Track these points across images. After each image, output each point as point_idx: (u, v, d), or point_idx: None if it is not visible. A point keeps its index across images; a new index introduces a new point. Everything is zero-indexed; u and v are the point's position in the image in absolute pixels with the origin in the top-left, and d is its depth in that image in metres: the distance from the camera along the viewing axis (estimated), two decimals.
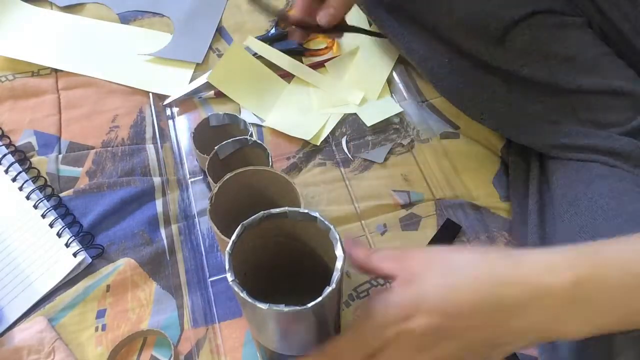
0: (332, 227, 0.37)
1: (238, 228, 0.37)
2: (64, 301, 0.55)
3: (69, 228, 0.60)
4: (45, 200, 0.61)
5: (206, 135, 0.59)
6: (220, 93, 0.71)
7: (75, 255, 0.57)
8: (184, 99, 0.72)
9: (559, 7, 0.59)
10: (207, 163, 0.53)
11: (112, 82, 0.73)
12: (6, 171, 0.64)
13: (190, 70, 0.75)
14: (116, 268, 0.57)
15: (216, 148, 0.54)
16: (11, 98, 0.72)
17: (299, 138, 0.67)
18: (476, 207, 0.61)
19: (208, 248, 0.59)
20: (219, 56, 0.77)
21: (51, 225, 0.60)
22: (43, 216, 0.60)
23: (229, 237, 0.37)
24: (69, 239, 0.58)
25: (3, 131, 0.68)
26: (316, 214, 0.38)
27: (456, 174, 0.64)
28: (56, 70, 0.75)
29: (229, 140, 0.54)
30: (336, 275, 0.34)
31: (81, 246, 0.58)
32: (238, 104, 0.71)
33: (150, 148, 0.67)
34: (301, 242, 0.42)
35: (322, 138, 0.68)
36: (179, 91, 0.72)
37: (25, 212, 0.61)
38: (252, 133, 0.59)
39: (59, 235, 0.59)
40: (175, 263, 0.58)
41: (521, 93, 0.59)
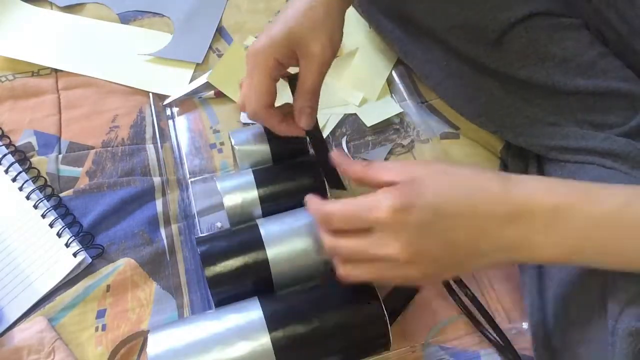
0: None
1: None
2: (64, 301, 0.55)
3: (69, 228, 0.60)
4: (45, 200, 0.61)
5: None
6: (220, 93, 0.71)
7: (75, 255, 0.57)
8: (184, 99, 0.72)
9: (556, 9, 0.59)
10: None
11: (112, 82, 0.73)
12: (6, 171, 0.64)
13: (190, 70, 0.75)
14: (116, 268, 0.57)
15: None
16: (11, 98, 0.72)
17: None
18: None
19: None
20: (219, 56, 0.77)
21: (51, 225, 0.60)
22: (43, 216, 0.60)
23: None
24: (69, 239, 0.58)
25: (3, 131, 0.68)
26: None
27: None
28: (56, 70, 0.75)
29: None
30: None
31: (81, 246, 0.58)
32: (237, 104, 0.71)
33: (150, 148, 0.67)
34: None
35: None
36: (179, 91, 0.72)
37: (25, 212, 0.61)
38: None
39: (59, 235, 0.59)
40: (175, 263, 0.58)
41: (519, 95, 0.59)
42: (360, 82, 0.72)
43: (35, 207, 0.61)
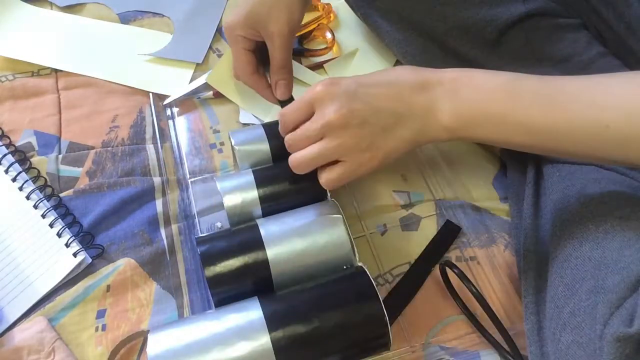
0: None
1: None
2: (64, 301, 0.55)
3: (69, 228, 0.60)
4: (45, 200, 0.61)
5: None
6: (218, 93, 0.71)
7: (75, 255, 0.57)
8: (184, 99, 0.72)
9: (554, 9, 0.59)
10: None
11: (112, 82, 0.73)
12: (6, 171, 0.64)
13: (190, 70, 0.75)
14: (116, 268, 0.57)
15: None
16: (11, 98, 0.72)
17: None
18: (476, 208, 0.62)
19: None
20: (219, 56, 0.77)
21: (51, 225, 0.60)
22: (43, 216, 0.60)
23: None
24: (69, 239, 0.58)
25: (3, 131, 0.68)
26: None
27: (456, 175, 0.64)
28: (56, 70, 0.75)
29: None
30: None
31: (81, 246, 0.58)
32: (237, 105, 0.71)
33: (150, 148, 0.67)
34: None
35: None
36: (179, 91, 0.72)
37: (25, 212, 0.61)
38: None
39: (59, 235, 0.59)
40: (175, 263, 0.58)
41: None
42: None
43: (35, 207, 0.61)
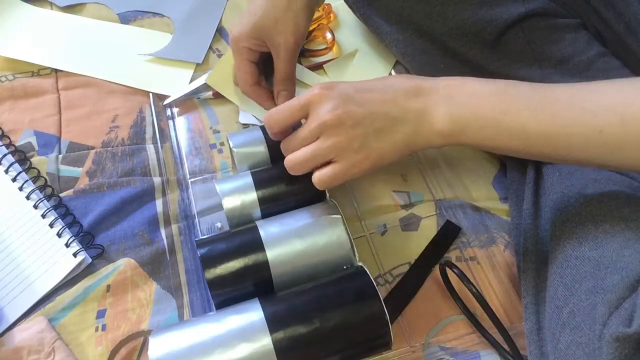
0: None
1: None
2: (64, 301, 0.55)
3: (69, 228, 0.60)
4: (45, 200, 0.61)
5: None
6: (218, 94, 0.71)
7: (75, 255, 0.57)
8: (184, 99, 0.72)
9: (553, 9, 0.59)
10: None
11: (112, 82, 0.73)
12: (6, 171, 0.64)
13: (190, 70, 0.75)
14: (116, 268, 0.57)
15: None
16: (11, 98, 0.72)
17: None
18: (476, 208, 0.62)
19: None
20: (219, 56, 0.77)
21: (51, 225, 0.60)
22: (43, 216, 0.60)
23: None
24: (69, 239, 0.58)
25: (3, 131, 0.68)
26: None
27: (456, 175, 0.64)
28: (56, 70, 0.75)
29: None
30: None
31: (81, 246, 0.58)
32: (237, 105, 0.71)
33: (150, 148, 0.67)
34: None
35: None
36: (179, 92, 0.72)
37: (25, 212, 0.61)
38: None
39: (59, 235, 0.59)
40: (175, 263, 0.58)
41: None
42: None
43: (35, 207, 0.61)
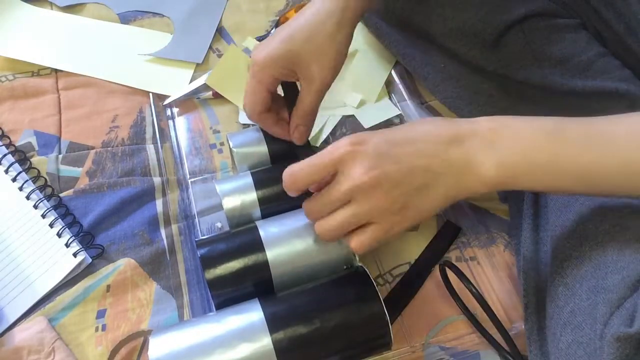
0: None
1: None
2: (64, 301, 0.55)
3: (69, 228, 0.60)
4: (45, 200, 0.61)
5: None
6: (218, 94, 0.71)
7: (75, 255, 0.57)
8: (184, 99, 0.72)
9: (553, 10, 0.59)
10: None
11: (112, 82, 0.73)
12: (6, 171, 0.64)
13: (190, 70, 0.75)
14: (116, 268, 0.57)
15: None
16: (11, 98, 0.72)
17: None
18: (476, 208, 0.62)
19: None
20: (219, 56, 0.77)
21: (51, 225, 0.60)
22: (43, 216, 0.60)
23: None
24: (69, 239, 0.58)
25: (3, 131, 0.68)
26: None
27: None
28: (56, 70, 0.75)
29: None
30: None
31: (81, 246, 0.58)
32: (237, 105, 0.71)
33: (150, 148, 0.67)
34: None
35: (322, 139, 0.68)
36: (179, 92, 0.72)
37: (25, 212, 0.61)
38: None
39: (59, 235, 0.59)
40: (175, 263, 0.58)
41: (517, 96, 0.59)
42: (359, 84, 0.72)
43: (35, 207, 0.61)
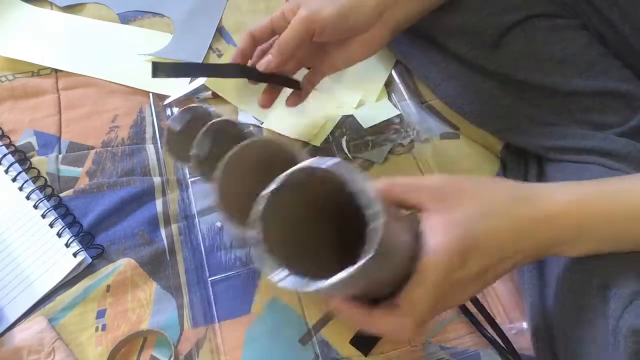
0: (358, 171, 0.34)
1: (253, 231, 0.35)
2: (64, 301, 0.55)
3: (69, 228, 0.60)
4: (45, 200, 0.61)
5: (178, 143, 0.54)
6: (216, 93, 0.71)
7: (75, 255, 0.57)
8: (184, 99, 0.72)
9: (554, 11, 0.59)
10: (165, 141, 0.50)
11: (112, 82, 0.73)
12: (6, 171, 0.64)
13: None
14: (116, 268, 0.57)
15: (168, 123, 0.49)
16: (11, 98, 0.72)
17: (299, 139, 0.67)
18: None
19: (208, 248, 0.59)
20: (219, 56, 0.77)
21: (51, 225, 0.60)
22: (43, 216, 0.60)
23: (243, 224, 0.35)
24: (69, 239, 0.58)
25: (3, 131, 0.68)
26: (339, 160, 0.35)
27: (456, 175, 0.64)
28: (56, 70, 0.75)
29: (179, 110, 0.50)
30: (376, 218, 0.32)
31: (81, 246, 0.58)
32: (236, 106, 0.71)
33: (150, 148, 0.67)
34: (326, 201, 0.39)
35: (322, 139, 0.68)
36: (179, 92, 0.72)
37: (25, 212, 0.61)
38: (214, 110, 0.53)
39: (59, 235, 0.59)
40: (175, 263, 0.58)
41: (518, 96, 0.59)
42: (358, 84, 0.72)
43: (35, 207, 0.61)
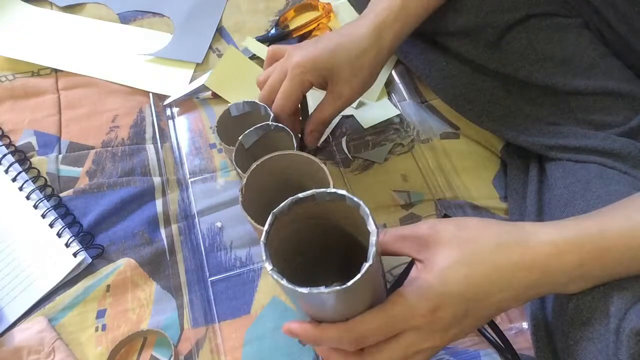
0: (361, 203, 0.36)
1: (269, 217, 0.37)
2: (64, 301, 0.55)
3: (69, 228, 0.60)
4: (45, 200, 0.61)
5: (229, 126, 0.57)
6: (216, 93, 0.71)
7: (75, 255, 0.57)
8: (184, 99, 0.72)
9: (555, 10, 0.59)
10: (234, 154, 0.52)
11: (112, 82, 0.73)
12: (6, 171, 0.64)
13: (190, 70, 0.75)
14: (116, 268, 0.57)
15: (240, 138, 0.52)
16: (11, 98, 0.72)
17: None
18: (476, 208, 0.61)
19: (208, 248, 0.59)
20: (219, 56, 0.77)
21: (51, 225, 0.60)
22: (43, 216, 0.60)
23: (263, 226, 0.37)
24: (69, 239, 0.58)
25: (3, 131, 0.68)
26: (344, 192, 0.37)
27: (456, 175, 0.64)
28: (56, 70, 0.75)
29: (252, 128, 0.53)
30: (372, 250, 0.34)
31: (81, 246, 0.58)
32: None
33: (150, 148, 0.67)
34: (333, 222, 0.41)
35: (322, 139, 0.67)
36: (179, 92, 0.72)
37: (25, 212, 0.61)
38: (274, 117, 0.56)
39: (59, 235, 0.59)
40: (175, 263, 0.58)
41: (519, 95, 0.59)
42: None
43: (35, 207, 0.61)
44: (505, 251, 0.39)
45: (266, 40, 0.76)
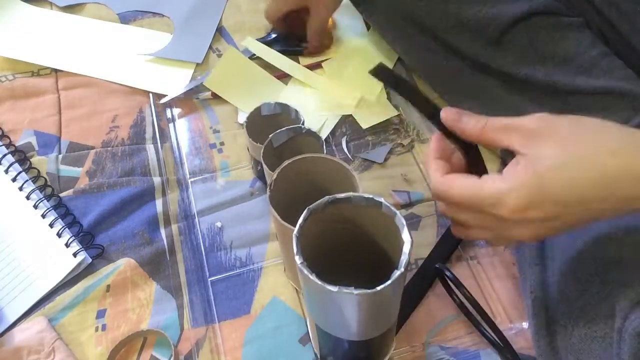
0: (398, 213, 0.37)
1: (304, 212, 0.37)
2: (64, 301, 0.55)
3: (69, 228, 0.60)
4: (45, 200, 0.61)
5: (258, 124, 0.58)
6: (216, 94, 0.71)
7: (75, 255, 0.57)
8: (184, 99, 0.72)
9: (556, 8, 0.59)
10: (262, 151, 0.53)
11: (112, 82, 0.73)
12: (6, 171, 0.64)
13: (190, 70, 0.75)
14: (116, 268, 0.57)
15: (271, 136, 0.53)
16: (11, 98, 0.72)
17: None
18: None
19: (208, 248, 0.59)
20: (219, 56, 0.77)
21: (51, 225, 0.60)
22: (43, 216, 0.60)
23: (287, 223, 0.37)
24: (69, 239, 0.58)
25: (3, 131, 0.68)
26: (381, 199, 0.38)
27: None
28: (56, 70, 0.75)
29: (284, 128, 0.54)
30: (404, 259, 0.34)
31: (81, 246, 0.58)
32: (236, 106, 0.71)
33: (150, 148, 0.67)
34: (362, 229, 0.42)
35: (322, 139, 0.67)
36: (176, 90, 0.71)
37: (25, 212, 0.61)
38: (304, 121, 0.57)
39: (59, 235, 0.59)
40: (175, 263, 0.58)
41: (520, 94, 0.59)
42: (358, 83, 0.72)
43: (35, 207, 0.61)
44: (621, 157, 0.36)
45: (266, 40, 0.76)
